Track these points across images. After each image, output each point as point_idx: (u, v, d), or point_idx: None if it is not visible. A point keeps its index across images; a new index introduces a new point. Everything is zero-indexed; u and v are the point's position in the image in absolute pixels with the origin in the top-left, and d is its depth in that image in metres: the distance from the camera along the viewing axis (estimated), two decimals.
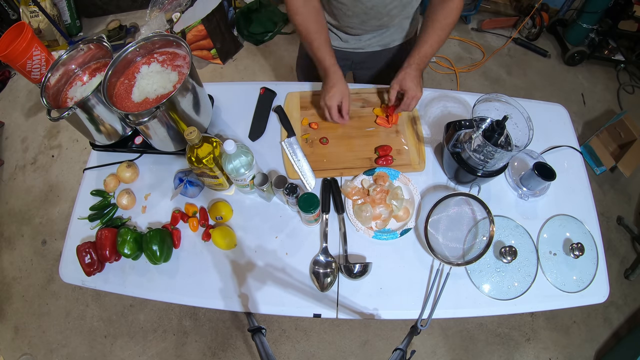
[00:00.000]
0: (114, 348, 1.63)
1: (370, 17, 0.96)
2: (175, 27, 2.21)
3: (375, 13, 0.94)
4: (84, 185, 1.01)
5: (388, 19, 0.98)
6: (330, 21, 1.05)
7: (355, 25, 1.00)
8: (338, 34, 1.08)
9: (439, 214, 0.85)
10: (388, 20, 0.99)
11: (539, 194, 0.94)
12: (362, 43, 1.09)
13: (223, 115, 1.08)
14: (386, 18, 0.97)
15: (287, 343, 1.60)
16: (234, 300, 0.83)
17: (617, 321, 1.66)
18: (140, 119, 0.77)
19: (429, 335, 1.60)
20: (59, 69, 0.93)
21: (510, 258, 0.82)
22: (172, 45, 0.91)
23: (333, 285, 0.83)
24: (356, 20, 0.98)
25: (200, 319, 1.67)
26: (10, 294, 1.78)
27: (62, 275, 0.91)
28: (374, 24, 0.99)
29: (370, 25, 1.00)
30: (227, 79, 2.43)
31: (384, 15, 0.96)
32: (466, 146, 0.85)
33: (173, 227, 0.91)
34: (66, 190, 2.03)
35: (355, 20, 0.98)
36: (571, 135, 1.07)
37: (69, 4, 2.57)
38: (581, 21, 2.27)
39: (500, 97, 0.83)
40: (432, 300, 0.81)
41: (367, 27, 1.01)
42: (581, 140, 1.99)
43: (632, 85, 2.37)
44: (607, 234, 1.83)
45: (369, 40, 1.08)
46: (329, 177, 0.96)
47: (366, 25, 0.99)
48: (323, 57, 0.94)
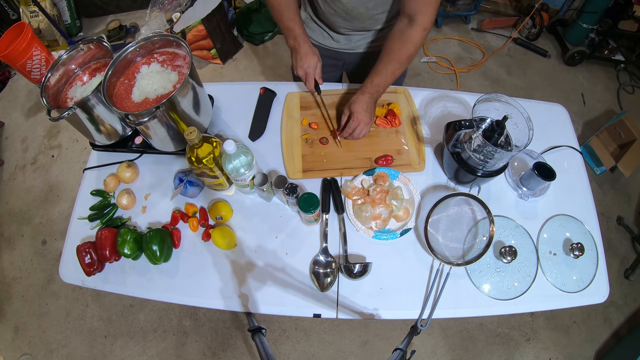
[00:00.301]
0: (114, 348, 1.63)
1: (353, 18, 0.96)
2: (175, 27, 2.22)
3: (357, 14, 0.94)
4: (84, 185, 1.01)
5: (372, 22, 0.98)
6: (319, 18, 1.05)
7: (341, 24, 1.00)
8: (330, 34, 1.08)
9: (439, 214, 0.85)
10: (373, 22, 0.98)
11: (539, 194, 0.94)
12: (352, 44, 1.09)
13: (223, 115, 1.08)
14: (370, 21, 0.97)
15: (287, 343, 1.60)
16: (234, 300, 0.83)
17: (617, 321, 1.66)
18: (140, 119, 0.77)
19: (429, 335, 1.60)
20: (59, 69, 0.93)
21: (510, 258, 0.82)
22: (172, 45, 0.91)
23: (333, 285, 0.83)
24: (340, 19, 0.98)
25: (200, 319, 1.67)
26: (10, 294, 1.78)
27: (62, 275, 0.91)
28: (357, 25, 0.99)
29: (354, 25, 1.00)
30: (227, 79, 2.43)
31: (366, 18, 0.96)
32: (466, 146, 0.85)
33: (173, 227, 0.91)
34: (66, 190, 2.03)
35: (339, 19, 0.98)
36: (571, 135, 1.07)
37: (69, 4, 2.57)
38: (581, 21, 2.27)
39: (500, 97, 0.83)
40: (432, 300, 0.81)
41: (352, 27, 1.01)
42: (581, 140, 2.00)
43: (632, 85, 2.37)
44: (607, 234, 1.83)
45: (359, 42, 1.08)
46: (329, 177, 0.96)
47: (350, 24, 0.99)
48: (293, 27, 0.95)
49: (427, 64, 2.48)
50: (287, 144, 1.00)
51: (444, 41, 2.59)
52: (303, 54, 0.96)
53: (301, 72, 0.98)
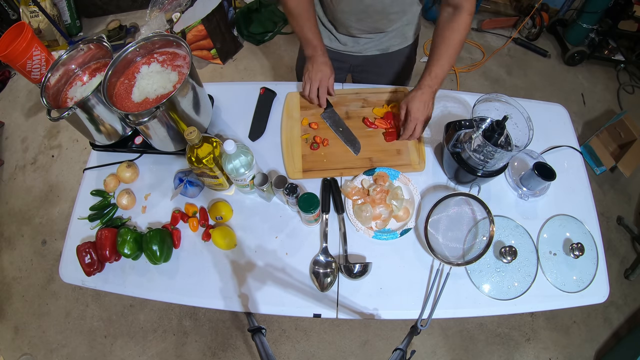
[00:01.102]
0: (114, 348, 1.63)
1: (367, 16, 0.95)
2: (175, 27, 2.22)
3: (373, 12, 0.93)
4: (84, 185, 1.01)
5: (386, 22, 0.98)
6: (327, 20, 1.05)
7: (351, 24, 0.99)
8: (337, 36, 1.08)
9: (439, 214, 0.85)
10: (386, 22, 0.98)
11: (539, 194, 0.94)
12: (360, 47, 1.08)
13: (223, 115, 1.08)
14: (384, 20, 0.97)
15: (287, 343, 1.60)
16: (234, 300, 0.83)
17: (617, 321, 1.66)
18: (140, 119, 0.77)
19: (429, 335, 1.60)
20: (59, 69, 0.93)
21: (510, 258, 0.82)
22: (172, 45, 0.91)
23: (333, 285, 0.83)
24: (353, 18, 0.97)
25: (200, 319, 1.67)
26: (10, 294, 1.78)
27: (62, 275, 0.91)
28: (370, 25, 0.99)
29: (367, 26, 0.99)
30: (227, 79, 2.43)
31: (382, 17, 0.96)
32: (466, 146, 0.85)
33: (173, 227, 0.91)
34: (66, 190, 2.03)
35: (352, 18, 0.98)
36: (571, 135, 1.07)
37: (69, 4, 2.57)
38: (581, 21, 2.27)
39: (500, 97, 0.83)
40: (432, 300, 0.81)
41: (364, 27, 1.00)
42: (581, 140, 1.99)
43: (632, 85, 2.37)
44: (607, 234, 1.83)
45: (366, 44, 1.07)
46: (329, 177, 0.96)
47: (362, 24, 0.99)
48: (313, 37, 0.97)
49: None
50: (287, 144, 1.00)
51: None
52: (319, 64, 0.98)
53: (305, 77, 0.99)
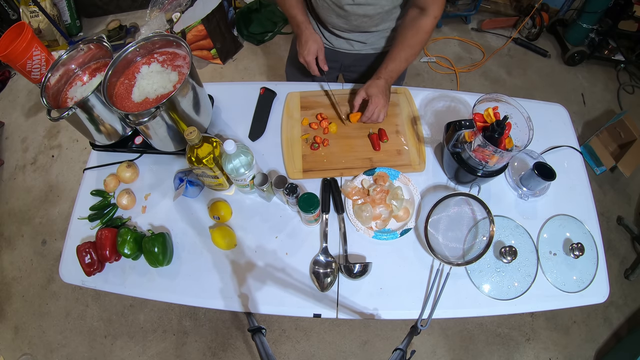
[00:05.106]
0: (114, 348, 1.63)
1: (348, 14, 0.95)
2: (175, 27, 2.22)
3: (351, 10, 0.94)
4: (84, 185, 1.01)
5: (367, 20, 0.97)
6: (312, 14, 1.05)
7: (335, 21, 1.00)
8: (323, 34, 1.09)
9: (439, 214, 0.85)
10: (367, 21, 0.98)
11: (539, 194, 0.94)
12: (349, 46, 1.09)
13: (223, 115, 1.08)
14: (364, 19, 0.96)
15: (287, 343, 1.60)
16: (234, 300, 0.83)
17: (617, 321, 1.66)
18: (140, 119, 0.77)
19: (429, 335, 1.60)
20: (59, 69, 0.93)
21: (510, 258, 0.82)
22: (172, 45, 0.91)
23: (333, 285, 0.83)
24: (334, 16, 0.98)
25: (200, 319, 1.67)
26: (10, 294, 1.78)
27: (62, 275, 0.91)
28: (351, 23, 0.99)
29: (351, 25, 0.99)
30: (227, 79, 2.43)
31: (360, 15, 0.95)
32: (466, 146, 0.85)
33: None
34: (66, 190, 2.03)
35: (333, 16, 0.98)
36: (571, 135, 1.07)
37: (69, 4, 2.57)
38: (581, 21, 2.27)
39: (500, 97, 0.83)
40: (432, 300, 0.81)
41: (346, 25, 1.00)
42: (581, 140, 2.00)
43: (632, 85, 2.37)
44: (607, 234, 1.83)
45: (356, 44, 1.08)
46: (329, 177, 0.96)
47: (346, 22, 0.99)
48: (296, 13, 0.98)
49: (427, 64, 2.48)
50: (287, 144, 1.00)
51: (444, 41, 2.59)
52: (304, 41, 0.98)
53: (301, 60, 1.00)
